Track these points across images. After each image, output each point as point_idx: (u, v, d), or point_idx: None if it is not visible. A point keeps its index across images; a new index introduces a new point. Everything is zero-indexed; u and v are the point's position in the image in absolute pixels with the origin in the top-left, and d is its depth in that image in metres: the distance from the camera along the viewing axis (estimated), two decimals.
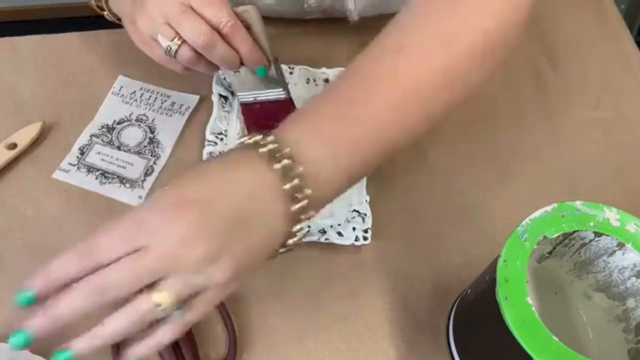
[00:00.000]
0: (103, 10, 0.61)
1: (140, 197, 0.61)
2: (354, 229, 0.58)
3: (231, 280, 0.37)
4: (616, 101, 0.71)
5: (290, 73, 0.68)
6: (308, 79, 0.68)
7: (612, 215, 0.45)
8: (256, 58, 0.56)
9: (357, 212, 0.59)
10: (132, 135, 0.65)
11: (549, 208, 0.45)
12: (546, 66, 0.73)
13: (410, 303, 0.56)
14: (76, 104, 0.66)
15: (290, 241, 0.39)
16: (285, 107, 0.62)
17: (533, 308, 0.40)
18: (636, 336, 0.47)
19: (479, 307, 0.48)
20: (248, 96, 0.62)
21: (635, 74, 0.73)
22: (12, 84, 0.68)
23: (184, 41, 0.52)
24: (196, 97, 0.67)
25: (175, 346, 0.52)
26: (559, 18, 0.77)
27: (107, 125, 0.65)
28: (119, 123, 0.65)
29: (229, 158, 0.39)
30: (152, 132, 0.65)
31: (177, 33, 0.52)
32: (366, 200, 0.59)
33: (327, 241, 0.57)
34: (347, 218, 0.59)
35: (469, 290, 0.51)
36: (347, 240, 0.57)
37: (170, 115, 0.66)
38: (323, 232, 0.58)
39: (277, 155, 0.37)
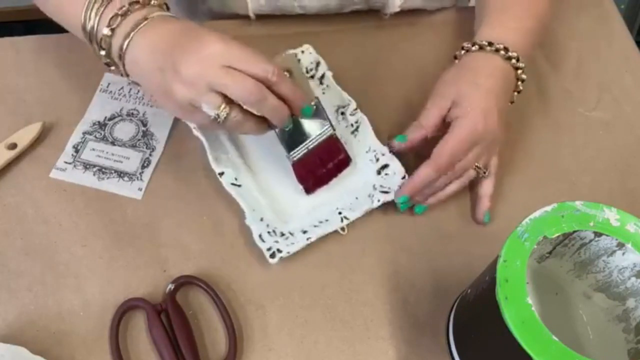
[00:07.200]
0: (111, 66, 0.56)
1: (140, 189, 0.61)
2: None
3: (503, 134, 0.61)
4: (616, 101, 0.71)
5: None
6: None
7: (612, 215, 0.45)
8: (302, 100, 0.55)
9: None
10: (125, 130, 0.65)
11: (549, 208, 0.45)
12: (546, 66, 0.73)
13: (410, 303, 0.56)
14: (76, 104, 0.66)
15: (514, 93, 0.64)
16: (331, 144, 0.59)
17: (533, 308, 0.40)
18: (636, 336, 0.47)
19: (479, 307, 0.48)
20: (301, 150, 0.58)
21: (635, 74, 0.73)
22: (12, 84, 0.68)
23: (231, 106, 0.50)
24: None
25: (175, 346, 0.52)
26: (559, 18, 0.77)
27: (99, 122, 0.65)
28: (110, 119, 0.66)
29: (483, 68, 0.61)
30: (144, 125, 0.65)
31: (224, 98, 0.50)
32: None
33: (345, 220, 0.58)
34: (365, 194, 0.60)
35: (469, 290, 0.51)
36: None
37: None
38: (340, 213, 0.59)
39: (506, 52, 0.60)
